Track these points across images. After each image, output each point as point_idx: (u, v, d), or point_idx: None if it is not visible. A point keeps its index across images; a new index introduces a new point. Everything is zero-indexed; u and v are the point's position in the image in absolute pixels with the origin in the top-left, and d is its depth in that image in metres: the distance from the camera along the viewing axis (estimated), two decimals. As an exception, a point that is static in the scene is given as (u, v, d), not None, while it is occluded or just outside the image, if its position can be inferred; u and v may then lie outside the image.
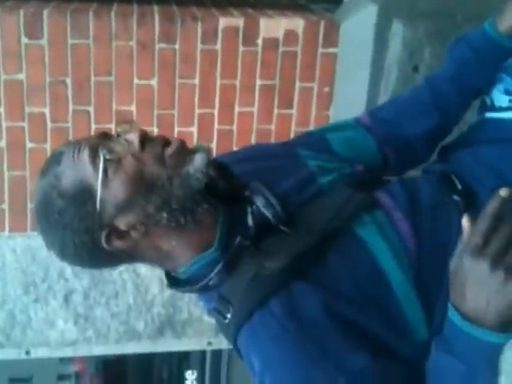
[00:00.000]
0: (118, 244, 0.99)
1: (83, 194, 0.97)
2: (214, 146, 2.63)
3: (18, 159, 2.56)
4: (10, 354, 2.89)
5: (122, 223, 0.99)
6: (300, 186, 1.11)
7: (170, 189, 0.98)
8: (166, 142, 1.01)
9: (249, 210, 1.04)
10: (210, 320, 2.83)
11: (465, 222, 0.89)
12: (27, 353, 2.90)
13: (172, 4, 2.57)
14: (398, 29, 2.36)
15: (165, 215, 0.98)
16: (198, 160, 0.99)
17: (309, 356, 0.93)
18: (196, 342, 2.95)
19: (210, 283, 1.03)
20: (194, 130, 2.60)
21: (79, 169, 0.98)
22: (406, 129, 1.30)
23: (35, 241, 2.62)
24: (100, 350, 2.96)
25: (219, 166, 1.07)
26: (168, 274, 1.11)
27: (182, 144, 1.01)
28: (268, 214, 1.03)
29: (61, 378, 6.19)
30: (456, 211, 1.09)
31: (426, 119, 1.31)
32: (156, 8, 2.47)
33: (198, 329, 2.93)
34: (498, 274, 0.83)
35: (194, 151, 1.01)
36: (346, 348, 0.93)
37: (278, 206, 1.03)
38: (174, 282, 1.10)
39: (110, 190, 0.97)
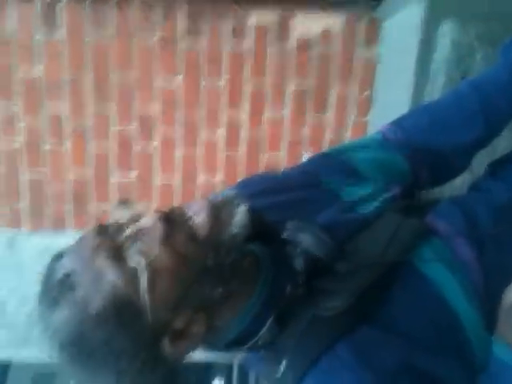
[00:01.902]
0: (183, 346, 0.82)
1: (126, 311, 0.78)
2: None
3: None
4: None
5: (179, 322, 0.81)
6: (341, 218, 0.96)
7: (220, 260, 0.81)
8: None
9: (295, 252, 0.88)
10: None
11: None
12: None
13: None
14: (446, 30, 2.14)
15: (220, 290, 0.82)
16: (241, 216, 0.82)
17: None
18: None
19: (260, 342, 0.87)
20: (222, 132, 2.44)
21: (105, 283, 0.78)
22: (443, 140, 1.15)
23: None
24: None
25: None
26: None
27: (211, 206, 0.82)
28: (321, 253, 0.87)
29: None
30: None
31: (469, 130, 1.15)
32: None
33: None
34: None
35: (226, 205, 0.83)
36: None
37: (332, 244, 0.87)
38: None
39: (156, 296, 0.78)
